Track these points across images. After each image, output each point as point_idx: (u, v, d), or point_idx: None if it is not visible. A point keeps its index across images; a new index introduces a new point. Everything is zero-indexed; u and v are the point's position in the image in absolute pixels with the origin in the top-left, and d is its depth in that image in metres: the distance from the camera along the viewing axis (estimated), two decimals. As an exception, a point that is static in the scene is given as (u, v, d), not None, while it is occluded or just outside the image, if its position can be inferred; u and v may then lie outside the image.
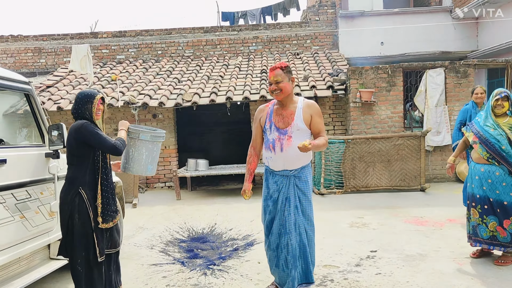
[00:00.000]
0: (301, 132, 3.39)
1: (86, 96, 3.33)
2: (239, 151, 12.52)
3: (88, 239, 3.19)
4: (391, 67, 9.25)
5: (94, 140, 3.20)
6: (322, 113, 3.60)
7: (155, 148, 3.70)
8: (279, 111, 3.48)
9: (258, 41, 13.37)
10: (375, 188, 8.45)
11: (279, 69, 3.37)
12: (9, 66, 13.16)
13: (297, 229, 3.40)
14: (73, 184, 3.21)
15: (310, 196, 3.49)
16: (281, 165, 3.46)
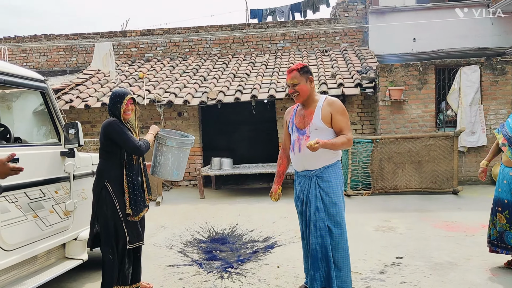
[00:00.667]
0: (320, 131, 3.26)
1: (117, 96, 3.52)
2: (265, 150, 12.40)
3: (115, 229, 3.41)
4: (422, 64, 8.88)
5: (118, 138, 3.39)
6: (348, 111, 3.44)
7: (182, 155, 3.78)
8: (301, 112, 3.42)
9: (286, 38, 13.17)
10: (404, 190, 8.13)
11: (295, 71, 3.29)
12: (42, 65, 13.48)
13: (317, 230, 3.26)
14: (101, 177, 3.45)
15: (336, 197, 3.29)
16: (302, 166, 3.38)
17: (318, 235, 3.26)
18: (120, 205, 3.43)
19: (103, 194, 3.41)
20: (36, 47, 13.52)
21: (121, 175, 3.46)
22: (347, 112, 3.38)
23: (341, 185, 3.37)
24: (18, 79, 3.34)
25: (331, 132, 3.29)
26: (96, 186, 3.47)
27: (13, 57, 13.46)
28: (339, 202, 3.30)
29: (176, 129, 9.99)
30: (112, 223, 3.41)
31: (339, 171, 3.38)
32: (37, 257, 3.51)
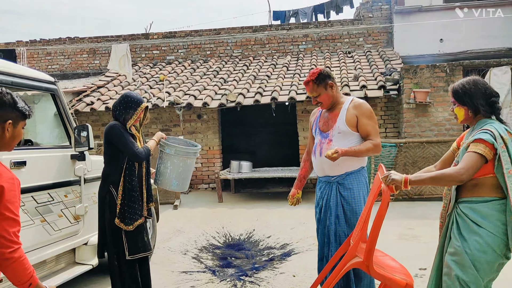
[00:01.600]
0: (344, 135, 3.06)
1: (132, 101, 3.33)
2: (286, 153, 12.22)
3: (117, 236, 3.29)
4: (449, 65, 8.54)
5: (119, 142, 3.27)
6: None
7: (182, 164, 3.61)
8: (325, 114, 3.24)
9: (308, 39, 12.97)
10: (429, 196, 7.81)
11: (312, 83, 3.10)
12: (66, 67, 13.67)
13: (337, 239, 3.07)
14: (105, 182, 3.37)
15: (357, 206, 3.07)
16: (322, 171, 3.18)
17: (338, 245, 3.06)
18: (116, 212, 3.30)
19: (107, 199, 3.32)
20: (61, 50, 13.72)
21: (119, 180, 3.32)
22: (375, 115, 3.15)
23: (364, 194, 3.12)
24: (27, 81, 3.28)
25: (357, 137, 3.08)
26: (101, 191, 3.38)
27: (38, 59, 13.71)
28: (360, 212, 3.06)
29: (196, 131, 9.93)
30: (114, 229, 3.30)
31: (363, 178, 3.15)
32: (46, 262, 3.44)
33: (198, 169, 9.88)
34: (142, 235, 3.40)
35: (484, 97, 2.40)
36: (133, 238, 3.32)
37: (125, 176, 3.31)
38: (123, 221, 3.27)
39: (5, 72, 3.06)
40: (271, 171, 9.48)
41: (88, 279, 4.27)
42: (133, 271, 3.37)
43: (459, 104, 2.48)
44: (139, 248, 3.35)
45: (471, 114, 2.46)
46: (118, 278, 3.34)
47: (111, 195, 3.31)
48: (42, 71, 12.37)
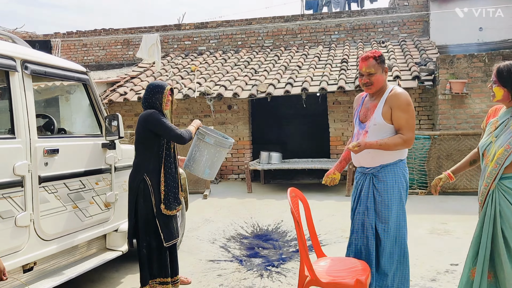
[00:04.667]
0: (379, 127, 2.95)
1: (156, 87, 3.51)
2: (317, 145, 12.11)
3: (152, 224, 3.40)
4: (488, 55, 8.20)
5: (161, 128, 3.36)
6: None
7: (217, 154, 3.72)
8: (367, 103, 3.11)
9: (341, 29, 12.74)
10: (464, 190, 7.57)
11: (372, 59, 2.95)
12: (101, 58, 13.98)
13: (364, 231, 3.02)
14: (138, 171, 3.44)
15: (389, 199, 2.97)
16: (358, 161, 3.12)
17: (365, 237, 3.02)
18: (156, 200, 3.42)
19: (141, 187, 3.40)
20: (96, 41, 14.03)
21: (159, 168, 3.44)
22: (413, 108, 2.99)
23: (400, 188, 3.00)
24: (60, 71, 3.36)
25: (393, 129, 2.96)
26: (134, 180, 3.45)
27: (75, 51, 14.07)
28: (392, 205, 2.97)
29: (226, 122, 9.98)
30: (147, 218, 3.41)
31: (400, 171, 3.02)
32: (78, 247, 3.55)
33: (228, 160, 9.94)
34: (175, 222, 3.61)
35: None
36: (168, 224, 3.46)
37: (165, 163, 3.46)
38: (168, 207, 3.43)
39: (39, 63, 3.15)
40: (301, 163, 9.42)
41: (120, 265, 4.38)
42: (164, 257, 3.48)
43: (500, 84, 2.49)
44: (173, 234, 3.51)
45: (511, 97, 2.48)
46: (148, 265, 3.43)
47: (145, 184, 3.39)
48: (78, 62, 12.70)
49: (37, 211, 3.00)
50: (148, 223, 3.41)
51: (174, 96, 3.69)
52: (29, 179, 2.93)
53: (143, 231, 3.42)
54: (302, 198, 3.18)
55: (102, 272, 4.21)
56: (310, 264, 2.71)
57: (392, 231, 3.00)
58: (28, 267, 2.97)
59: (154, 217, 3.40)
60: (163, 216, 3.43)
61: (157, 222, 3.41)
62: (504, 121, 2.50)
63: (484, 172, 2.54)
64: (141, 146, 3.48)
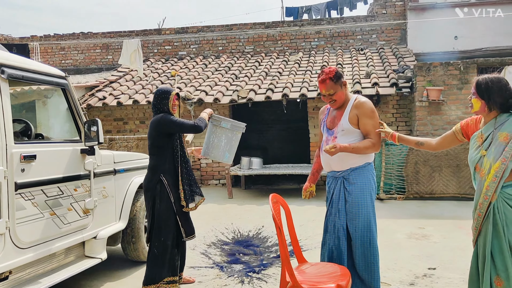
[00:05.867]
0: (347, 133, 3.15)
1: (163, 93, 3.69)
2: (297, 150, 12.17)
3: (170, 223, 3.58)
4: (463, 63, 8.41)
5: (175, 126, 3.58)
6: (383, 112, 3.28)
7: (234, 138, 3.95)
8: (333, 112, 3.32)
9: (321, 36, 12.88)
10: (441, 195, 7.73)
11: (329, 80, 3.12)
12: (79, 62, 13.79)
13: (335, 232, 3.18)
14: (155, 172, 3.61)
15: (361, 200, 3.11)
16: (329, 166, 3.28)
17: (336, 237, 3.18)
18: (174, 198, 3.59)
19: (158, 188, 3.57)
20: (74, 45, 13.83)
21: (175, 168, 3.64)
22: (377, 114, 3.20)
23: (370, 189, 3.16)
24: (38, 75, 3.30)
25: (359, 134, 3.16)
26: (151, 181, 3.61)
27: (52, 54, 13.84)
28: (363, 205, 3.12)
29: (207, 127, 9.93)
30: (165, 217, 3.57)
31: (369, 174, 3.19)
32: (55, 255, 3.47)
33: (208, 165, 9.91)
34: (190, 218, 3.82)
35: (503, 96, 2.56)
36: (188, 220, 3.70)
37: (182, 163, 3.66)
38: (188, 204, 3.64)
39: (16, 67, 3.09)
40: (282, 168, 9.46)
41: (99, 272, 4.31)
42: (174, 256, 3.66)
43: (478, 96, 2.62)
44: (192, 229, 3.76)
45: (486, 109, 2.61)
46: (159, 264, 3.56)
47: (162, 184, 3.57)
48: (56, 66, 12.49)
49: (13, 218, 2.93)
50: (167, 222, 3.57)
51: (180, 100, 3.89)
52: (5, 186, 2.86)
53: (159, 231, 3.57)
54: (283, 203, 3.20)
55: (80, 280, 4.13)
56: (291, 270, 2.72)
57: (362, 230, 3.12)
58: (3, 276, 2.89)
59: (175, 215, 3.59)
60: (183, 213, 3.64)
61: (178, 219, 3.61)
62: (489, 134, 2.59)
63: (480, 185, 2.60)
64: (155, 149, 3.64)
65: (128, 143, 8.31)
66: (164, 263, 3.57)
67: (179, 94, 3.84)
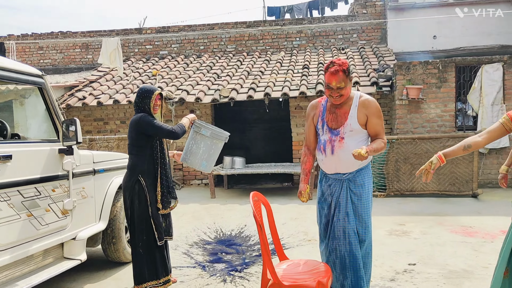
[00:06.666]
0: (355, 133, 3.01)
1: (145, 92, 3.63)
2: (279, 149, 12.20)
3: (147, 223, 3.53)
4: (442, 62, 8.55)
5: (151, 128, 3.51)
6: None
7: (214, 146, 3.84)
8: (333, 109, 3.09)
9: (302, 35, 12.94)
10: (421, 193, 7.84)
11: (342, 73, 2.89)
12: (58, 62, 13.57)
13: (346, 237, 3.01)
14: (133, 172, 3.56)
15: (368, 201, 3.06)
16: (333, 168, 3.09)
17: (347, 243, 3.01)
18: (151, 199, 3.54)
19: (136, 188, 3.52)
20: (53, 44, 13.60)
21: (154, 169, 3.58)
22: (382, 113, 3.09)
23: (371, 188, 3.13)
24: (13, 74, 3.23)
25: (365, 134, 3.05)
26: (129, 181, 3.56)
27: (30, 54, 13.59)
28: (370, 207, 3.07)
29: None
30: (142, 217, 3.53)
31: (370, 172, 3.15)
32: (33, 257, 3.40)
33: (190, 165, 9.85)
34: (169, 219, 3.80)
35: None
36: (162, 224, 3.63)
37: (161, 164, 3.60)
38: (164, 206, 3.60)
39: (-9, 65, 3.02)
40: (264, 167, 9.47)
41: (78, 274, 4.25)
42: (162, 254, 3.66)
43: None
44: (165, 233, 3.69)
45: None
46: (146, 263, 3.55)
47: (140, 184, 3.52)
48: (34, 65, 12.26)
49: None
50: (143, 223, 3.53)
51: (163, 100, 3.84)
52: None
53: (141, 230, 3.54)
54: (264, 202, 3.19)
55: (59, 282, 4.07)
56: (272, 268, 2.72)
57: (370, 233, 3.09)
58: (-21, 279, 2.83)
59: (150, 217, 3.54)
60: (158, 216, 3.59)
61: (152, 221, 3.54)
62: None
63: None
64: (134, 148, 3.59)
65: (108, 143, 8.22)
66: (153, 261, 3.57)
67: (162, 94, 3.75)
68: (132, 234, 3.60)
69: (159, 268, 3.62)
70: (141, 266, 3.56)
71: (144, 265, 3.56)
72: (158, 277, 3.62)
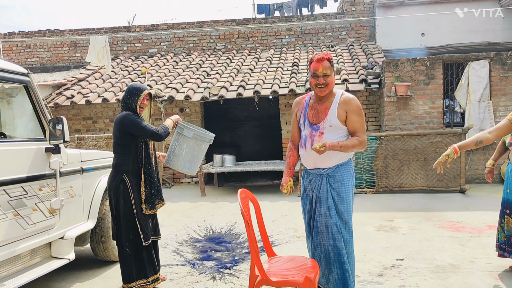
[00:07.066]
0: (334, 129, 3.06)
1: (134, 89, 3.61)
2: (270, 147, 12.23)
3: (133, 223, 3.53)
4: (429, 59, 8.63)
5: (135, 128, 3.48)
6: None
7: (197, 148, 3.78)
8: (315, 105, 3.16)
9: (292, 33, 12.96)
10: (410, 188, 7.91)
11: (327, 61, 3.02)
12: (46, 60, 13.44)
13: (329, 231, 3.07)
14: (118, 171, 3.54)
15: (348, 197, 3.09)
16: (313, 163, 3.16)
17: (330, 237, 3.07)
18: (135, 199, 3.53)
19: (121, 188, 3.51)
20: (41, 43, 13.47)
21: (138, 168, 3.56)
22: (363, 112, 3.15)
23: (353, 185, 3.17)
24: (-1, 72, 3.21)
25: (345, 130, 3.09)
26: (113, 180, 3.55)
27: (17, 52, 13.45)
28: (350, 203, 3.11)
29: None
30: (128, 217, 3.53)
31: (352, 169, 3.19)
32: (20, 256, 3.38)
33: (180, 163, 9.82)
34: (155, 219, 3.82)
35: None
36: (148, 224, 3.62)
37: (145, 164, 3.59)
38: (149, 207, 3.60)
39: (-25, 63, 2.99)
40: (254, 165, 9.48)
41: (67, 273, 4.23)
42: (150, 254, 3.65)
43: None
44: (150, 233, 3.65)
45: None
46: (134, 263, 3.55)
47: (125, 184, 3.51)
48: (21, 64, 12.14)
49: (-26, 220, 2.84)
50: (129, 223, 3.53)
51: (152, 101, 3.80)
52: (-35, 186, 2.77)
53: (127, 230, 3.53)
54: (252, 199, 3.20)
55: (48, 281, 4.05)
56: (260, 264, 2.74)
57: (351, 228, 3.14)
58: (-35, 280, 2.81)
59: (135, 217, 3.52)
60: (143, 216, 3.57)
61: (138, 222, 3.53)
62: None
63: None
64: (119, 147, 3.57)
65: (97, 142, 8.18)
66: (141, 260, 3.57)
67: (151, 94, 3.73)
68: (118, 233, 3.59)
69: (147, 267, 3.62)
70: (129, 265, 3.56)
71: (131, 264, 3.56)
72: (147, 276, 3.62)
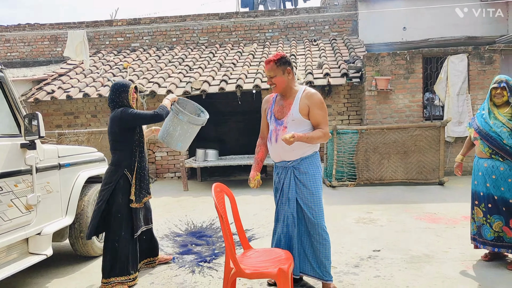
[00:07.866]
0: (297, 123, 3.24)
1: (121, 86, 3.70)
2: (253, 141, 12.24)
3: (127, 217, 3.64)
4: (409, 53, 8.74)
5: (137, 119, 3.60)
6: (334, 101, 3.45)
7: (190, 130, 4.03)
8: (280, 102, 3.39)
9: (275, 27, 12.98)
10: (390, 181, 8.04)
11: (272, 63, 3.25)
12: (26, 55, 13.24)
13: (285, 220, 3.32)
14: (119, 167, 3.63)
15: (315, 187, 3.27)
16: (279, 156, 3.36)
17: (285, 225, 3.31)
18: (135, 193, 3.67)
19: (121, 183, 3.61)
20: (20, 37, 13.26)
21: (134, 163, 3.69)
22: (325, 106, 3.31)
23: (320, 176, 3.34)
24: (-30, 68, 3.17)
25: (308, 124, 3.26)
26: (113, 176, 3.61)
27: (-4, 47, 13.22)
28: (317, 193, 3.28)
29: (161, 120, 9.83)
30: (123, 211, 3.61)
31: (317, 161, 3.36)
32: (-5, 253, 3.37)
33: (163, 158, 9.82)
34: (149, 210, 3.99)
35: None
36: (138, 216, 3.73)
37: (138, 157, 3.71)
38: (138, 200, 3.69)
39: None
40: (237, 159, 9.51)
41: (45, 269, 4.22)
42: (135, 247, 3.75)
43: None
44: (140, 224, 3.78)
45: None
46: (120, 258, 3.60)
47: (126, 179, 3.63)
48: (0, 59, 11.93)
49: None
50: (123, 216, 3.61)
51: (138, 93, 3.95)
52: None
53: (119, 225, 3.61)
54: (227, 192, 3.24)
55: (25, 277, 4.03)
56: (234, 257, 2.78)
57: (318, 217, 3.27)
58: None
59: (130, 211, 3.64)
60: (135, 209, 3.69)
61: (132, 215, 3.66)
62: None
63: None
64: (118, 144, 3.66)
65: (78, 137, 8.12)
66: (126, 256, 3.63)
67: (137, 87, 3.86)
68: (107, 228, 3.64)
69: (131, 263, 3.68)
70: (113, 260, 3.59)
71: (116, 260, 3.60)
72: (129, 273, 3.67)
